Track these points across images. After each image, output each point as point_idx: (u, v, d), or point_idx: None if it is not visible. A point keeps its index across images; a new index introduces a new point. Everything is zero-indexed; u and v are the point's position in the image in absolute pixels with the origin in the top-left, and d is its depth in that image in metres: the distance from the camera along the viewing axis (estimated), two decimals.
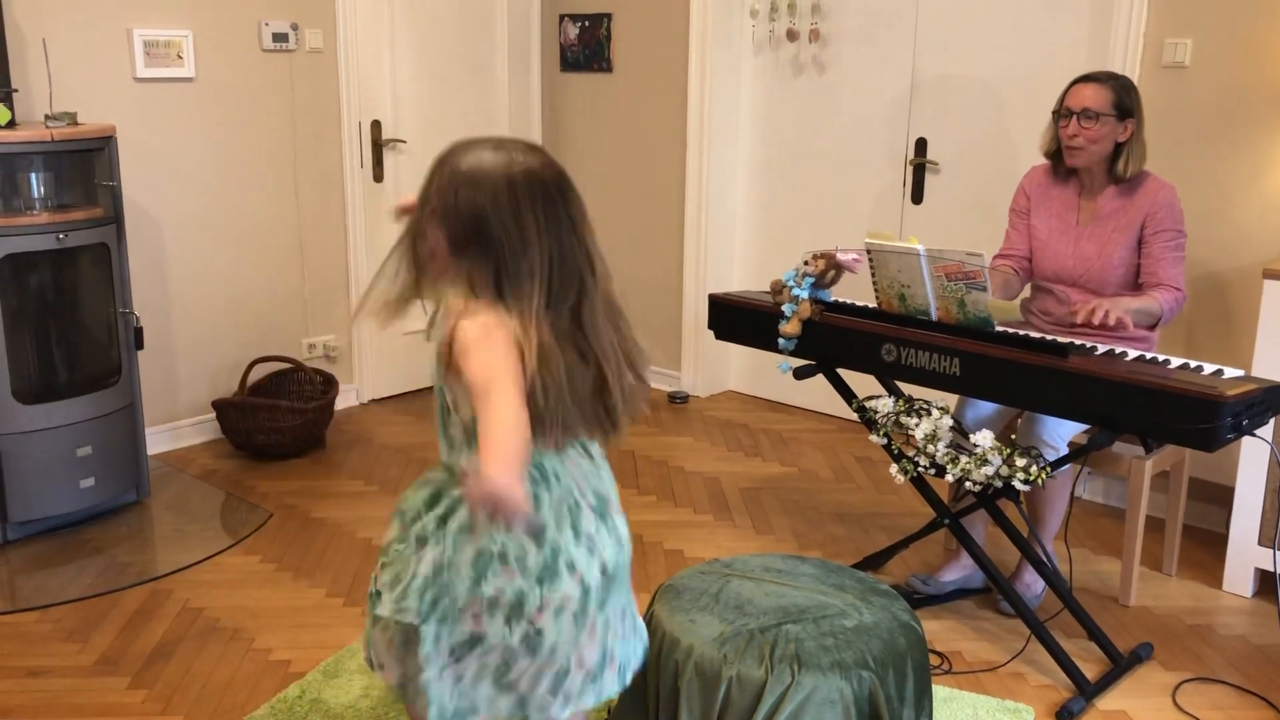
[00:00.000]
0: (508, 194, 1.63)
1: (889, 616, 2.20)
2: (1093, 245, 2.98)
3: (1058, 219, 3.06)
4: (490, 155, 1.66)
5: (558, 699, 1.74)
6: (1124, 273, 2.96)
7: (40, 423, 3.25)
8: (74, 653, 2.73)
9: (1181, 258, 2.92)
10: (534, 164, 1.67)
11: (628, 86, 4.86)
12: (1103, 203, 2.99)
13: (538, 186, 1.65)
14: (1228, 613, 3.05)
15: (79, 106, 3.54)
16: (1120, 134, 2.91)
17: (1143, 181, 2.95)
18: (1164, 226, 2.90)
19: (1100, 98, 2.89)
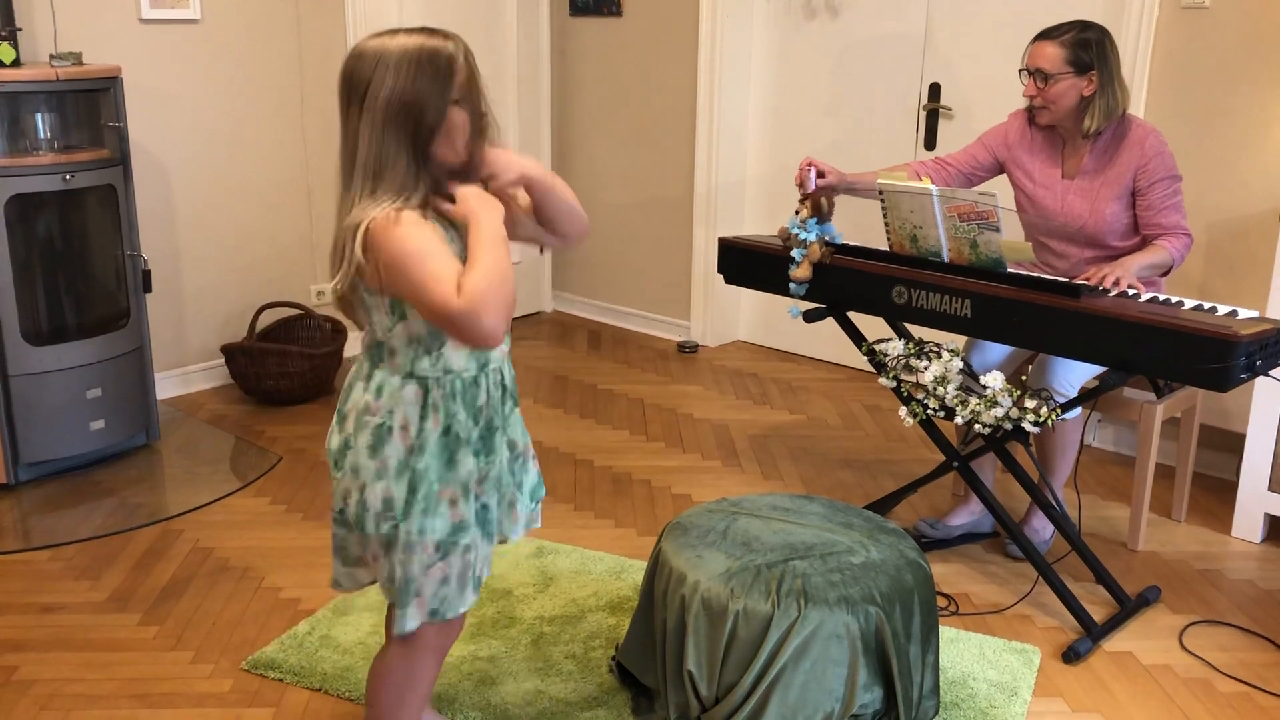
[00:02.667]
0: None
1: (897, 554, 2.20)
2: (1082, 201, 2.90)
3: (1041, 173, 2.96)
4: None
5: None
6: (1122, 224, 2.88)
7: (50, 364, 3.26)
8: (86, 590, 2.75)
9: (1180, 202, 2.84)
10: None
11: (638, 30, 4.80)
12: (1086, 156, 2.89)
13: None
14: (1236, 558, 3.04)
15: (84, 48, 3.52)
16: (1084, 88, 2.81)
17: (1126, 131, 2.85)
18: (1158, 176, 2.81)
19: (1053, 56, 2.79)
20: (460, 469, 1.78)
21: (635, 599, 2.68)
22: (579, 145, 5.15)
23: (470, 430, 1.78)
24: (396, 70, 1.62)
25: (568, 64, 5.09)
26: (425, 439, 1.74)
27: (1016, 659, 2.51)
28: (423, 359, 1.73)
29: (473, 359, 1.77)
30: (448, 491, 1.77)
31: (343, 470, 1.79)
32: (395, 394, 1.74)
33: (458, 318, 1.55)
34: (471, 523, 1.81)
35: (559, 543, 3.01)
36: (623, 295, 5.16)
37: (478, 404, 1.78)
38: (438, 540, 1.77)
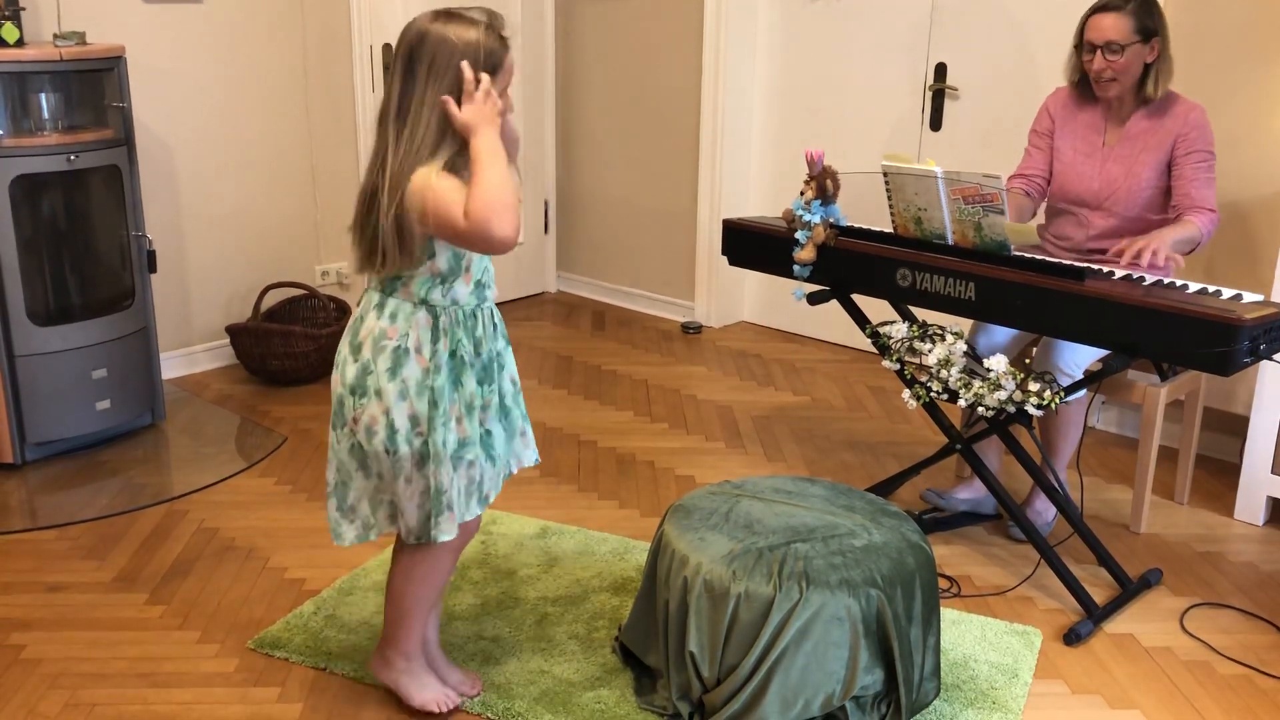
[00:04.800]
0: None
1: (898, 537, 2.20)
2: (1119, 167, 2.93)
3: (1083, 140, 3.01)
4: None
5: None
6: (1150, 195, 2.91)
7: (55, 344, 3.27)
8: (92, 569, 2.77)
9: (1212, 179, 2.87)
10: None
11: (643, 10, 4.78)
12: (1131, 124, 2.93)
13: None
14: (1238, 540, 3.05)
15: (87, 27, 3.51)
16: (1148, 55, 2.84)
17: (1172, 103, 2.90)
18: (1196, 147, 2.85)
19: (1121, 26, 2.81)
20: (465, 390, 2.01)
21: (638, 580, 2.70)
22: (584, 125, 5.13)
23: (472, 355, 2.02)
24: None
25: (573, 44, 5.07)
26: (439, 360, 1.97)
27: (1018, 641, 2.52)
28: (435, 289, 1.97)
29: (473, 294, 2.02)
30: (454, 409, 2.00)
31: (366, 397, 1.99)
32: (410, 319, 1.97)
33: (468, 234, 1.83)
34: (474, 442, 2.03)
35: (563, 524, 3.02)
36: (627, 276, 5.15)
37: (477, 334, 2.03)
38: (453, 454, 2.00)
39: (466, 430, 2.02)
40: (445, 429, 1.98)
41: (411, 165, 1.86)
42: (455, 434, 2.00)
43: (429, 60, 1.86)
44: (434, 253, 1.95)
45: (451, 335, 1.99)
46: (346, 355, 2.03)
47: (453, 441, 2.00)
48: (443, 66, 1.86)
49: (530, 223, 5.23)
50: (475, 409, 2.03)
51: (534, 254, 5.29)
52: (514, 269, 5.20)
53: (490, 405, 2.07)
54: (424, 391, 1.97)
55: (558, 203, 5.32)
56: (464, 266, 1.99)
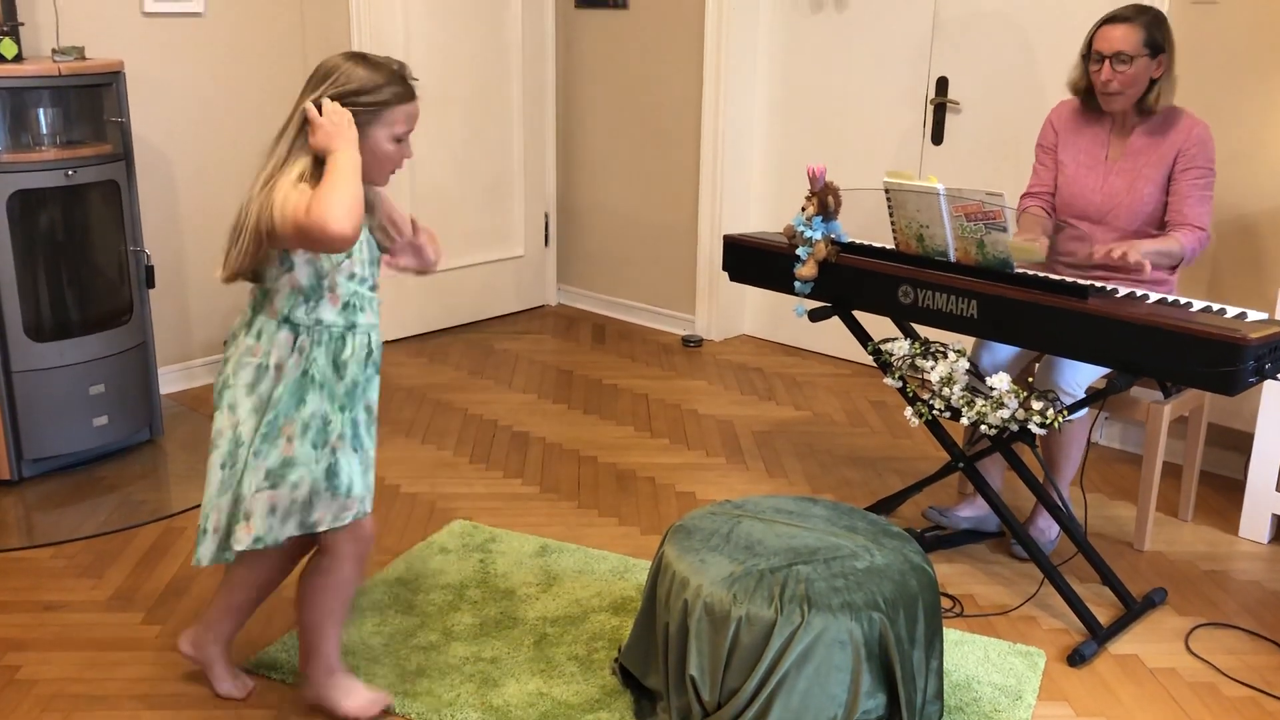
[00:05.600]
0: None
1: (901, 559, 2.18)
2: (1122, 180, 2.92)
3: (1086, 154, 3.00)
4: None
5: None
6: (1152, 209, 2.90)
7: (53, 360, 3.25)
8: (88, 588, 2.75)
9: (1209, 196, 2.87)
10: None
11: (643, 23, 4.77)
12: (1135, 138, 2.92)
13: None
14: (1243, 559, 3.03)
15: (86, 42, 3.50)
16: (1154, 70, 2.84)
17: (1177, 118, 2.89)
18: (1195, 163, 2.84)
19: (1131, 38, 2.80)
20: (305, 409, 2.03)
21: (638, 600, 2.68)
22: (584, 138, 5.12)
23: (326, 377, 2.04)
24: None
25: (573, 56, 5.06)
26: (286, 375, 2.02)
27: (1021, 662, 2.50)
28: (299, 308, 2.01)
29: (340, 316, 2.03)
30: (289, 428, 2.02)
31: (220, 408, 2.07)
32: (272, 337, 2.03)
33: (307, 228, 1.86)
34: (303, 464, 2.03)
35: (562, 541, 3.00)
36: (627, 288, 5.14)
37: (342, 357, 2.04)
38: (268, 468, 2.03)
39: (294, 450, 2.03)
40: (266, 442, 2.01)
41: (271, 174, 1.96)
42: (281, 451, 2.02)
43: (317, 83, 1.98)
44: (292, 265, 1.99)
45: (307, 355, 2.02)
46: (220, 370, 2.13)
47: (275, 458, 2.02)
48: (337, 99, 1.96)
49: (531, 235, 5.22)
50: (311, 430, 2.04)
51: (534, 267, 5.28)
52: (514, 282, 5.19)
53: (345, 434, 2.07)
54: (261, 403, 2.03)
55: (558, 215, 5.31)
56: (327, 286, 2.01)
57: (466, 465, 3.50)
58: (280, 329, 2.02)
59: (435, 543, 2.96)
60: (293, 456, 2.03)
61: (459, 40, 4.63)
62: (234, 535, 2.05)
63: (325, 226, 1.84)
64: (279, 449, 2.02)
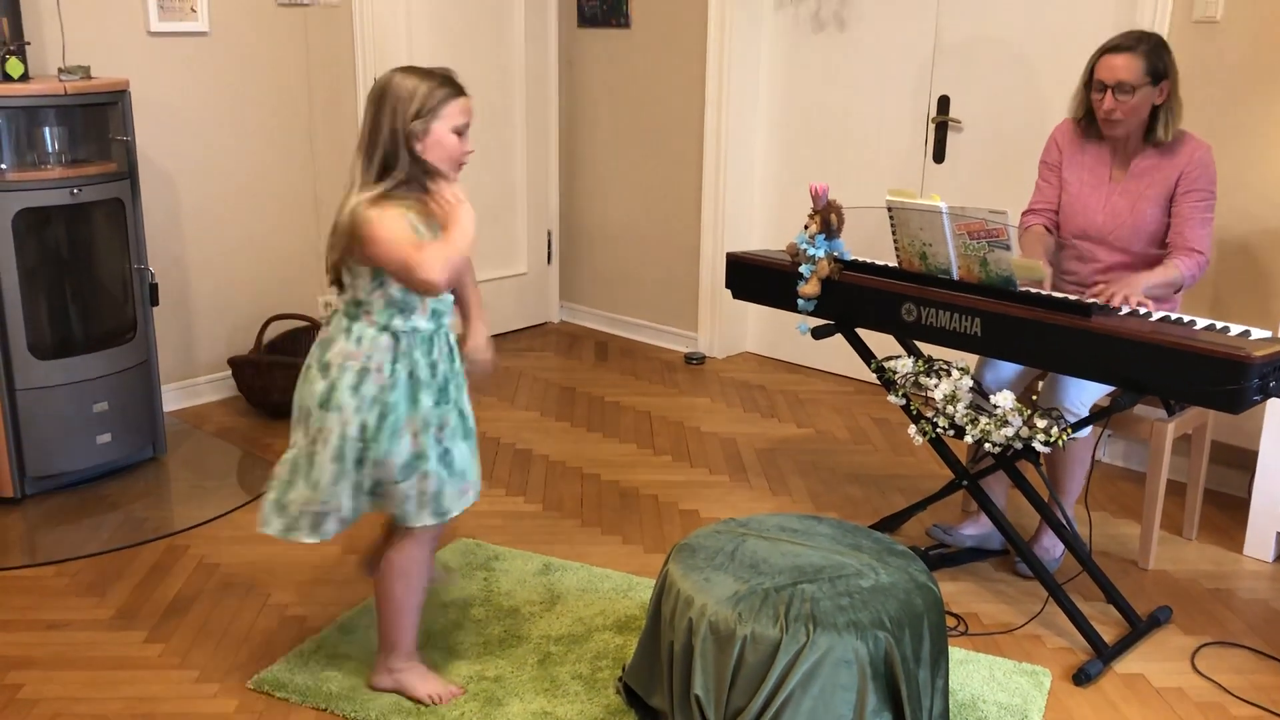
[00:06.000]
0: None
1: (906, 577, 2.18)
2: (1125, 201, 2.93)
3: (1090, 173, 3.00)
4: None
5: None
6: (1154, 230, 2.90)
7: (56, 378, 3.25)
8: (91, 606, 2.74)
9: (1209, 219, 2.87)
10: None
11: (646, 42, 4.79)
12: (1138, 159, 2.93)
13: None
14: (1249, 577, 3.02)
15: (92, 60, 3.52)
16: (1156, 98, 2.84)
17: (1181, 140, 2.89)
18: (1196, 186, 2.84)
19: (1133, 67, 2.80)
20: (420, 407, 2.21)
21: (643, 618, 2.67)
22: (587, 155, 5.14)
23: (428, 376, 2.22)
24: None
25: (576, 75, 5.08)
26: (396, 379, 2.19)
27: (1027, 681, 2.49)
28: (396, 317, 2.19)
29: (430, 322, 2.23)
30: (411, 425, 2.20)
31: (329, 411, 2.19)
32: (373, 342, 2.18)
33: (412, 269, 2.07)
34: (429, 457, 2.22)
35: (566, 559, 3.00)
36: (630, 306, 5.15)
37: (433, 356, 2.24)
38: (400, 464, 2.20)
39: (421, 444, 2.21)
40: (393, 440, 2.19)
41: (363, 191, 2.14)
42: (409, 447, 2.20)
43: (390, 101, 2.13)
44: (383, 280, 2.16)
45: (410, 358, 2.21)
46: (316, 373, 2.23)
47: (405, 453, 2.20)
48: (400, 104, 2.13)
49: (533, 253, 5.23)
50: (431, 426, 2.23)
51: (537, 284, 5.29)
52: (516, 299, 5.20)
53: (448, 424, 2.26)
54: (375, 405, 2.18)
55: (561, 233, 5.32)
56: (418, 300, 2.20)
57: None
58: (381, 335, 2.19)
59: (438, 561, 2.95)
60: (422, 450, 2.22)
61: (463, 59, 4.65)
62: (405, 515, 2.24)
63: (428, 276, 2.07)
64: (407, 446, 2.20)
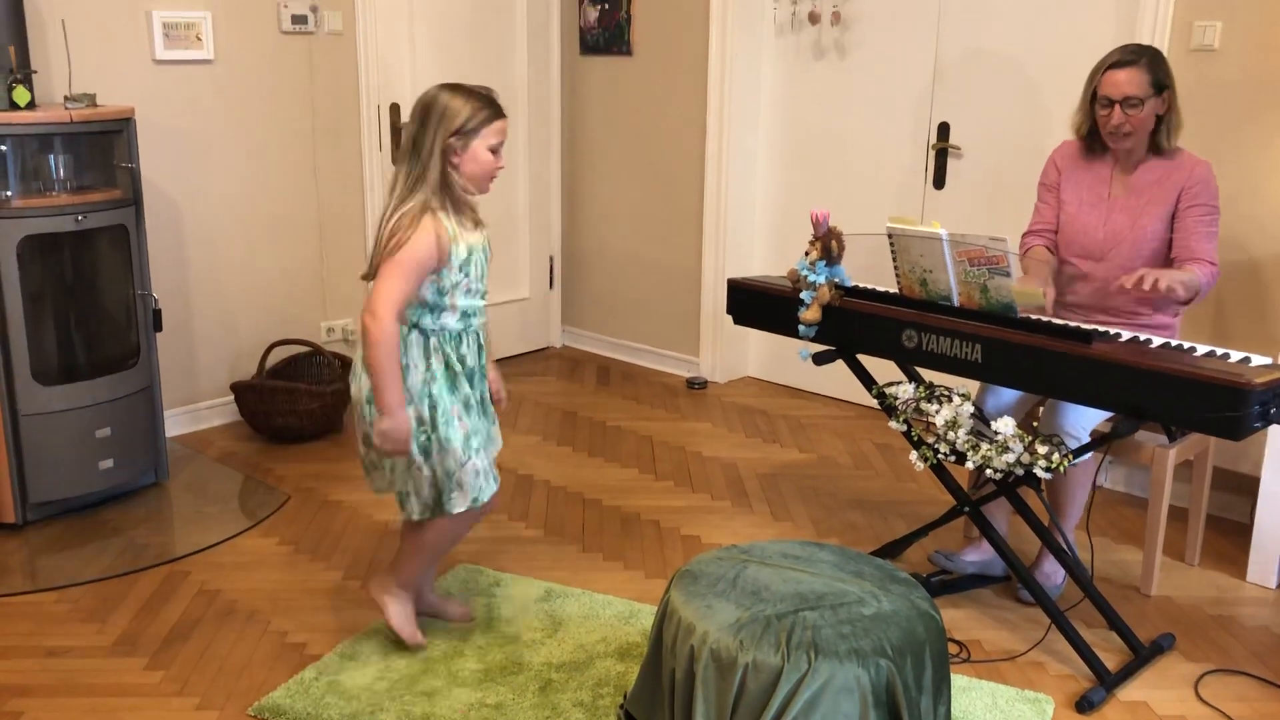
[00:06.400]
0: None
1: (908, 605, 2.17)
2: (1125, 217, 2.94)
3: (1089, 191, 3.02)
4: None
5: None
6: (1155, 247, 2.92)
7: (59, 404, 3.26)
8: (92, 633, 2.74)
9: (1215, 233, 2.89)
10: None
11: (648, 70, 4.83)
12: (1138, 175, 2.95)
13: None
14: (1252, 604, 3.01)
15: (98, 88, 3.55)
16: (1159, 107, 2.87)
17: (1179, 156, 2.92)
18: (1199, 201, 2.86)
19: (1138, 81, 2.83)
20: (460, 391, 2.47)
21: (644, 645, 2.66)
22: (589, 182, 5.17)
23: (459, 366, 2.46)
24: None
25: (578, 102, 5.11)
26: (435, 371, 2.43)
27: (1029, 709, 2.48)
28: (426, 317, 2.42)
29: (459, 322, 2.46)
30: (455, 408, 2.46)
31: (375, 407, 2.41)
32: (405, 339, 2.41)
33: (368, 315, 2.35)
34: (481, 432, 2.52)
35: (567, 586, 2.99)
36: (632, 330, 5.16)
37: (461, 350, 2.47)
38: (461, 445, 2.45)
39: (467, 425, 2.47)
40: (448, 425, 2.43)
41: (402, 197, 2.39)
42: (460, 430, 2.46)
43: (436, 115, 2.35)
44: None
45: (442, 352, 2.44)
46: (360, 370, 2.45)
47: (459, 436, 2.45)
48: (444, 119, 2.35)
49: (535, 278, 5.25)
50: (473, 407, 2.49)
51: (539, 309, 5.31)
52: (519, 324, 5.21)
53: (484, 406, 2.56)
54: (424, 397, 2.42)
55: (563, 258, 5.34)
56: (449, 303, 2.42)
57: None
58: (411, 332, 2.41)
59: (440, 587, 2.95)
60: (473, 428, 2.49)
61: None
62: (450, 502, 2.48)
63: (375, 308, 2.35)
64: (458, 429, 2.45)
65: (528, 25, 4.91)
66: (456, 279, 2.42)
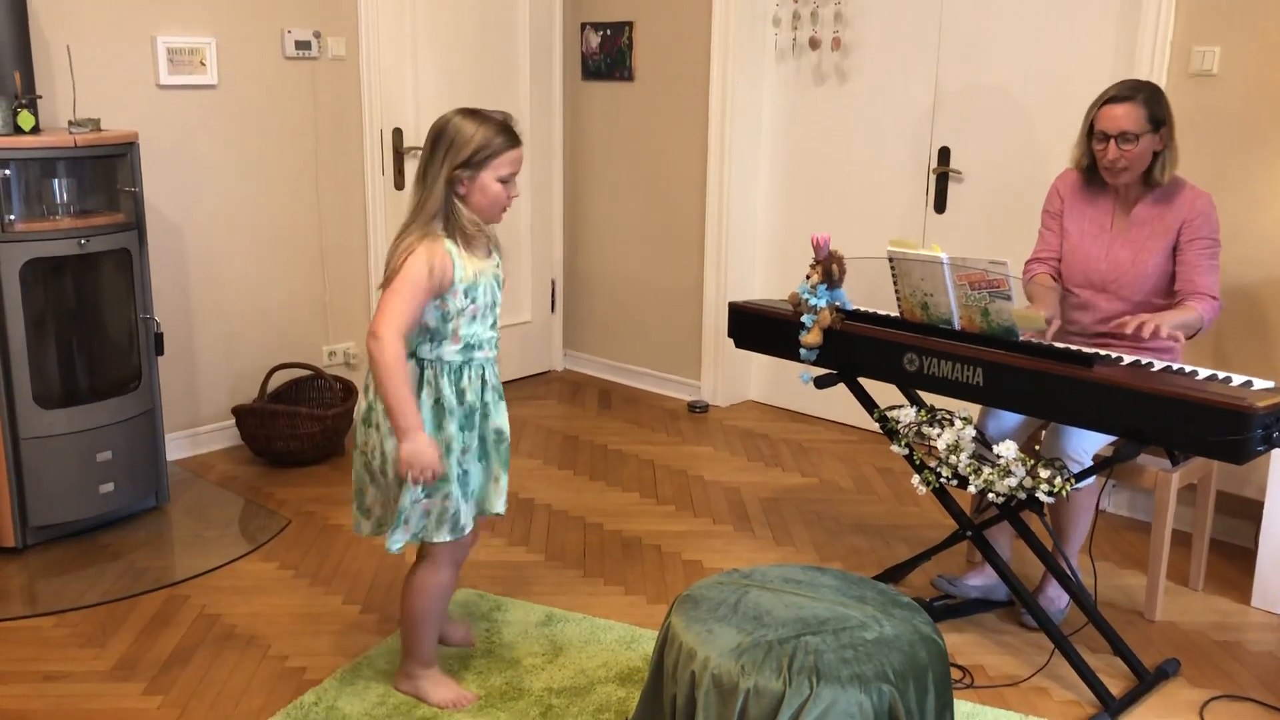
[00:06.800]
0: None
1: (910, 629, 2.16)
2: (1126, 250, 2.94)
3: (1091, 222, 3.02)
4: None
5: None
6: (1157, 279, 2.92)
7: (61, 427, 3.26)
8: (90, 658, 2.72)
9: (1216, 266, 2.89)
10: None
11: (649, 95, 4.85)
12: (1139, 208, 2.95)
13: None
14: (1257, 629, 2.99)
15: (102, 113, 3.57)
16: (1157, 144, 2.87)
17: (1180, 189, 2.92)
18: (1200, 234, 2.86)
19: (1134, 116, 2.84)
20: (444, 433, 2.35)
21: (645, 670, 2.65)
22: (590, 206, 5.18)
23: (454, 404, 2.35)
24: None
25: (580, 126, 5.14)
26: (421, 403, 2.33)
27: None
28: (425, 344, 2.34)
29: (459, 353, 2.36)
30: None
31: (370, 426, 2.38)
32: None
33: (370, 338, 2.27)
34: (450, 479, 2.36)
35: (568, 610, 2.98)
36: (633, 354, 5.16)
37: (460, 385, 2.36)
38: (422, 484, 2.31)
39: (442, 469, 2.33)
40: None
41: (405, 225, 2.32)
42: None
43: (445, 143, 2.28)
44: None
45: (434, 385, 2.34)
46: (363, 389, 2.42)
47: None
48: (452, 148, 2.28)
49: (537, 301, 5.26)
50: (454, 450, 2.36)
51: (540, 332, 5.31)
52: (520, 347, 5.21)
53: (470, 448, 2.40)
54: None
55: (564, 281, 5.35)
56: (452, 330, 2.34)
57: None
58: (408, 361, 2.32)
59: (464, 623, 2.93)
60: (444, 474, 2.34)
61: None
62: (391, 535, 2.37)
63: (376, 328, 2.25)
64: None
65: (530, 51, 4.94)
66: (462, 304, 2.32)
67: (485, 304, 2.37)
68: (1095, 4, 3.67)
